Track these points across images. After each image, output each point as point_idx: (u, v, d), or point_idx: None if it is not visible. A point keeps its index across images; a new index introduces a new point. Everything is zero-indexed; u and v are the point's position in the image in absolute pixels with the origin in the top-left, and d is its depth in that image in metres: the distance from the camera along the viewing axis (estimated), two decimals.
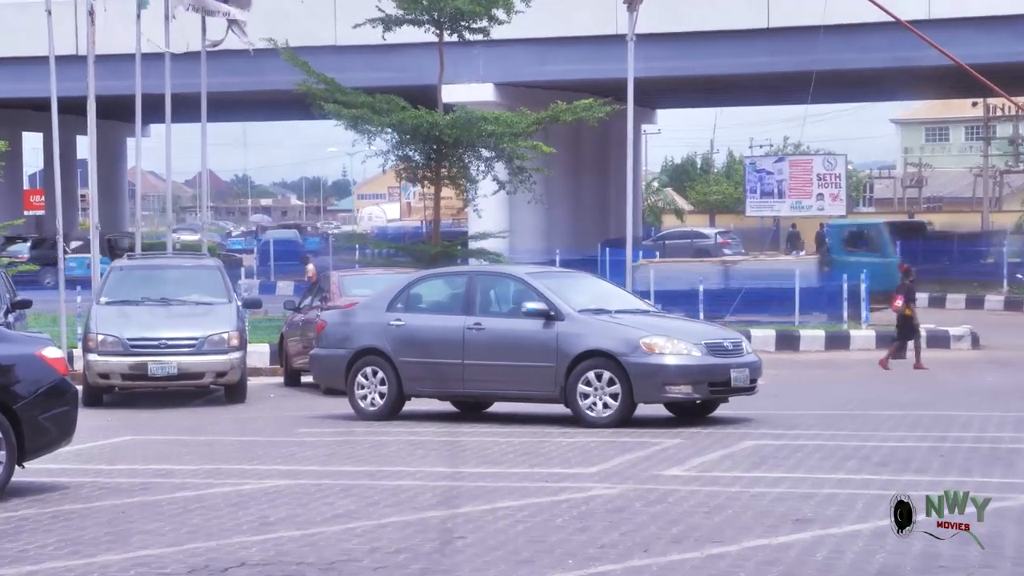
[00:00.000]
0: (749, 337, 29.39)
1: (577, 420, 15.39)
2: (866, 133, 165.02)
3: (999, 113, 76.80)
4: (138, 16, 26.97)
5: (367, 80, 37.29)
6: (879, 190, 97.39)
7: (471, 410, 17.13)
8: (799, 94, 42.28)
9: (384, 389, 16.64)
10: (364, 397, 16.79)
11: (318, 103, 29.13)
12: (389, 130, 28.89)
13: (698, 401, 15.65)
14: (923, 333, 25.85)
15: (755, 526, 9.28)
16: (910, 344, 24.83)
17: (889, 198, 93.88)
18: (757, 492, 10.62)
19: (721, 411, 16.05)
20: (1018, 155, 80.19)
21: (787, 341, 29.58)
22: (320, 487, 11.37)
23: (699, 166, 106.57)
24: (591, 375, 15.40)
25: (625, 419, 15.26)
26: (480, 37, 30.32)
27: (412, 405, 17.17)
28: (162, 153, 29.31)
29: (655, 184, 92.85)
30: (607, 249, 44.99)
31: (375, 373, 16.70)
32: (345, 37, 43.08)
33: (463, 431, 15.54)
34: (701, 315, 30.16)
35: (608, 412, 15.28)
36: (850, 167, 71.28)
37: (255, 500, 10.83)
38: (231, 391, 19.78)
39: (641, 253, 38.58)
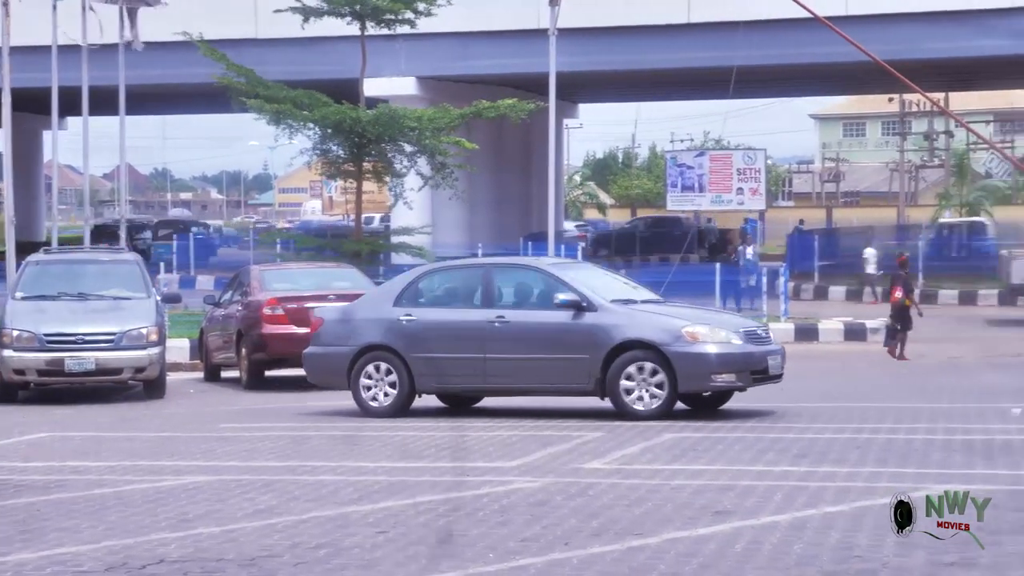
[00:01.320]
0: None
1: (618, 411, 15.12)
2: (785, 128, 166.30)
3: (914, 109, 77.72)
4: (54, 7, 26.67)
5: (289, 73, 37.10)
6: (798, 184, 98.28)
7: (461, 405, 16.79)
8: (720, 89, 42.56)
9: (392, 388, 16.09)
10: (370, 394, 16.18)
11: (238, 97, 28.96)
12: (311, 125, 28.79)
13: (741, 390, 15.46)
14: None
15: (675, 518, 9.34)
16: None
17: (808, 192, 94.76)
18: (677, 484, 10.69)
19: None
20: (933, 150, 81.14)
21: None
22: (240, 483, 11.31)
23: (621, 160, 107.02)
24: (633, 367, 15.08)
25: (668, 411, 15.07)
26: (403, 30, 30.26)
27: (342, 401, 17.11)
28: (79, 146, 29.04)
29: (577, 178, 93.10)
30: (529, 243, 45.10)
31: (382, 369, 16.11)
32: (266, 30, 42.89)
33: (384, 426, 15.51)
34: None
35: (656, 403, 15.04)
36: (769, 162, 71.86)
37: (174, 496, 10.76)
38: (150, 387, 19.63)
39: (563, 248, 38.63)
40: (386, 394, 16.15)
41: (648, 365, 15.07)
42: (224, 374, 22.32)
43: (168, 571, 8.16)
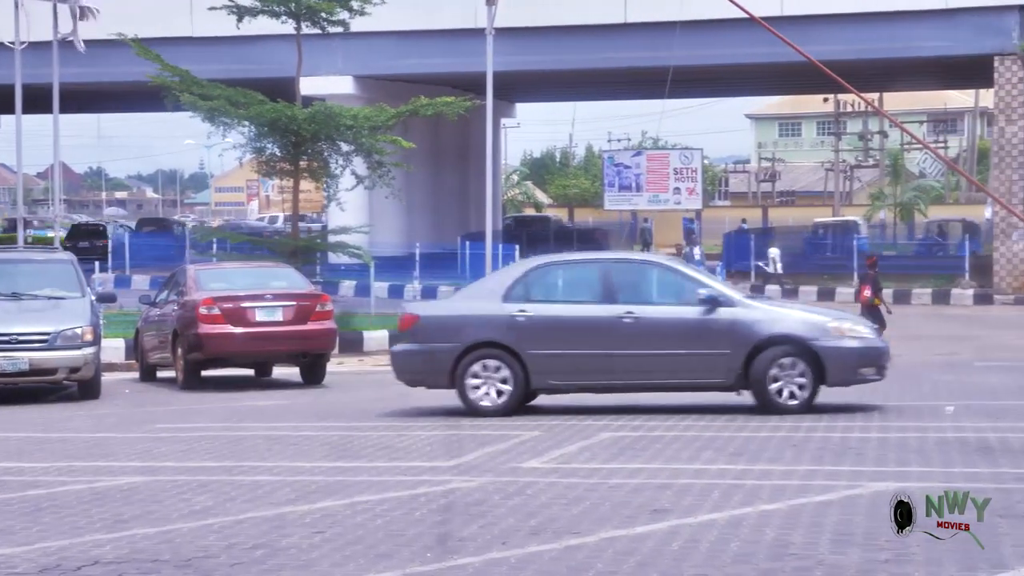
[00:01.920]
0: None
1: (763, 406, 15.15)
2: (722, 128, 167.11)
3: (849, 109, 78.36)
4: None
5: (225, 72, 36.91)
6: (734, 184, 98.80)
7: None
8: (656, 89, 42.74)
9: (505, 385, 15.56)
10: (480, 393, 15.61)
11: (173, 95, 28.76)
12: (246, 123, 28.64)
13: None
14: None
15: (613, 517, 9.36)
16: None
17: (744, 192, 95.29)
18: (615, 483, 10.72)
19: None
20: (868, 150, 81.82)
21: None
22: (176, 483, 11.23)
23: (558, 160, 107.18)
24: (783, 361, 15.16)
25: (811, 405, 15.18)
26: (339, 29, 30.17)
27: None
28: (13, 145, 28.75)
29: (515, 177, 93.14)
30: (467, 243, 45.09)
31: (491, 367, 15.57)
32: (202, 28, 42.65)
33: (321, 426, 15.46)
34: None
35: (804, 396, 15.17)
36: (706, 161, 72.20)
37: (109, 497, 10.67)
38: (85, 387, 19.46)
39: (501, 247, 38.66)
40: (499, 392, 15.60)
41: (794, 360, 15.20)
42: (160, 374, 22.17)
43: (103, 573, 8.09)
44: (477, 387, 15.61)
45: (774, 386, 15.18)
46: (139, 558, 8.44)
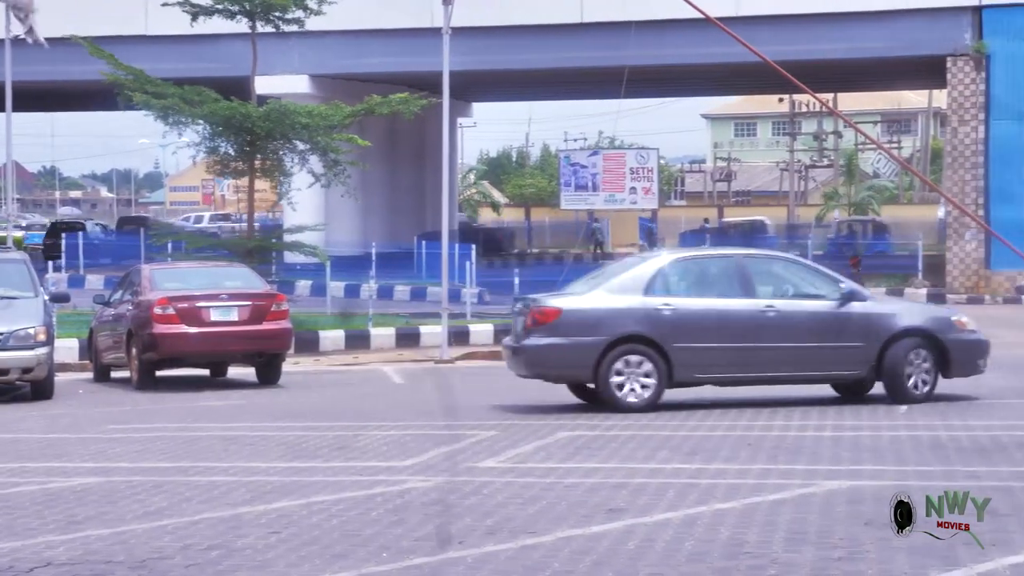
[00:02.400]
0: None
1: (896, 397, 15.65)
2: (677, 127, 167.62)
3: (804, 109, 78.72)
4: None
5: (180, 71, 36.75)
6: (690, 184, 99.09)
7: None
8: (612, 88, 42.83)
9: (648, 379, 15.46)
10: (626, 388, 15.45)
11: (126, 94, 28.61)
12: (200, 122, 28.51)
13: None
14: None
15: (569, 516, 9.38)
16: None
17: (700, 192, 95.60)
18: (571, 483, 10.73)
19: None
20: (822, 150, 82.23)
21: None
22: (131, 484, 11.18)
23: (514, 159, 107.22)
24: (913, 354, 15.71)
25: (933, 394, 15.79)
26: (294, 28, 30.09)
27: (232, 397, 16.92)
28: None
29: (471, 177, 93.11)
30: (423, 242, 45.07)
31: (633, 362, 15.45)
32: (157, 27, 42.44)
33: (277, 426, 15.42)
34: None
35: (926, 388, 15.79)
36: (662, 161, 72.42)
37: (62, 499, 10.61)
38: (38, 387, 19.30)
39: (457, 246, 38.65)
40: (643, 386, 15.49)
41: (924, 353, 15.77)
42: (115, 374, 22.05)
43: (56, 574, 8.05)
44: (621, 383, 15.50)
45: (908, 375, 15.76)
46: (93, 559, 8.39)
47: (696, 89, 66.55)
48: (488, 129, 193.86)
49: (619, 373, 15.46)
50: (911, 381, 15.73)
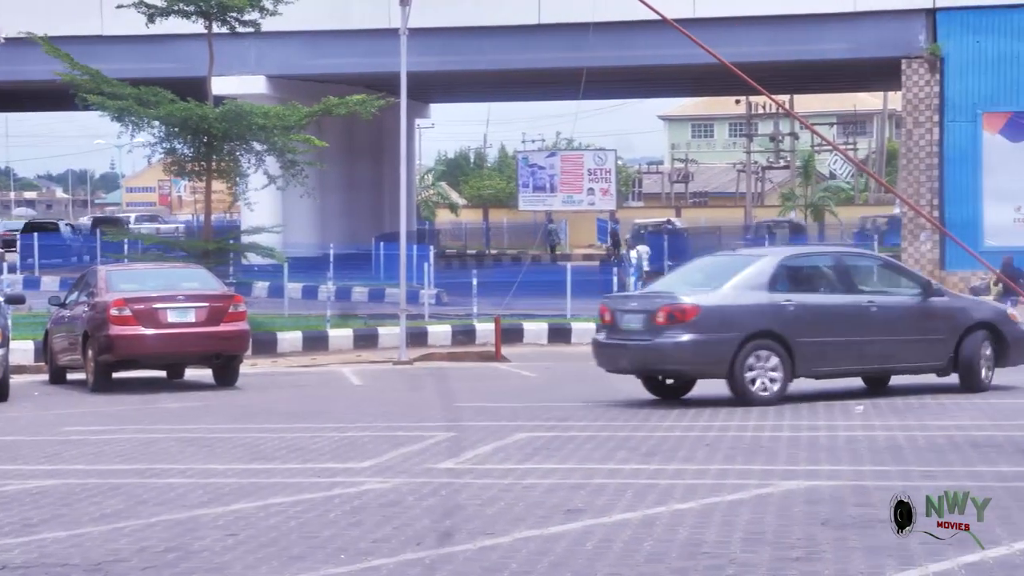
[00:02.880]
0: (522, 330, 29.78)
1: (970, 387, 16.66)
2: (635, 129, 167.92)
3: (761, 111, 79.02)
4: None
5: (136, 72, 36.57)
6: (648, 185, 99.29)
7: (673, 395, 16.99)
8: (570, 90, 42.87)
9: (775, 373, 15.98)
10: (758, 383, 15.93)
11: (82, 95, 28.47)
12: (156, 122, 28.40)
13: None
14: None
15: (527, 517, 9.38)
16: None
17: (657, 193, 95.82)
18: (529, 483, 10.74)
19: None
20: (779, 152, 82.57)
21: (560, 334, 29.98)
22: (87, 486, 11.12)
23: (472, 160, 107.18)
24: (983, 345, 16.77)
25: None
26: (250, 29, 30.00)
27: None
28: None
29: (429, 178, 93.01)
30: (381, 243, 44.99)
31: (762, 356, 15.95)
32: (112, 27, 42.20)
33: (234, 428, 15.37)
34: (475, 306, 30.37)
35: (990, 376, 16.92)
36: (620, 162, 72.54)
37: (17, 501, 10.54)
38: None
39: (415, 247, 38.61)
40: (772, 380, 15.99)
41: (989, 344, 16.84)
42: (71, 376, 21.92)
43: None
44: (753, 378, 15.98)
45: (979, 367, 16.78)
46: (48, 562, 8.34)
47: (653, 90, 66.67)
48: (446, 130, 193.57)
49: (751, 368, 15.97)
50: (983, 372, 16.78)
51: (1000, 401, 16.04)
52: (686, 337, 15.92)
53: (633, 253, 36.07)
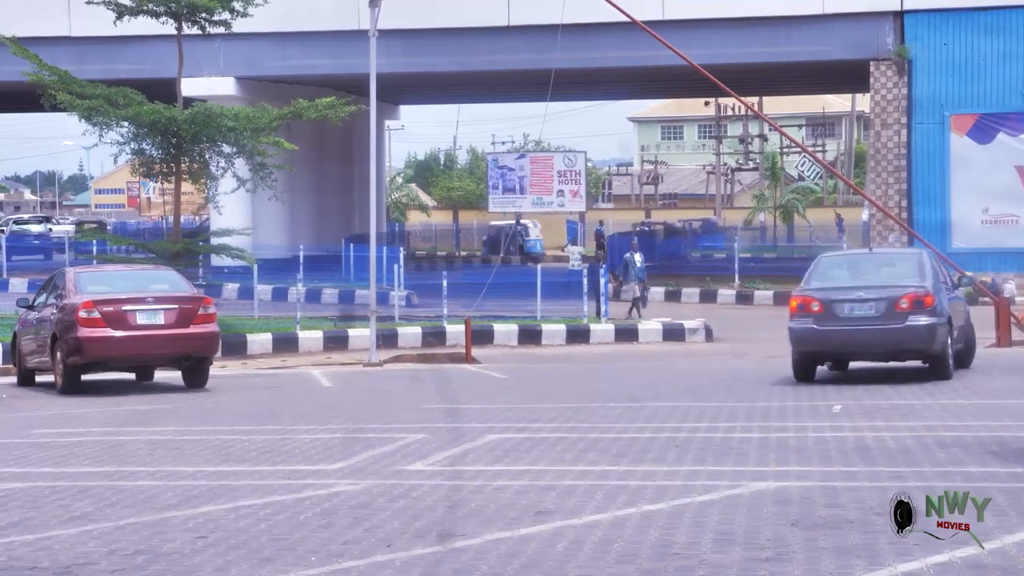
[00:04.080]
0: (492, 332, 29.77)
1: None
2: (604, 130, 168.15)
3: (730, 113, 79.24)
4: None
5: (105, 72, 36.46)
6: (617, 187, 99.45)
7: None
8: (539, 91, 42.89)
9: (953, 348, 19.51)
10: (951, 360, 19.12)
11: (50, 95, 28.36)
12: (125, 123, 28.32)
13: None
14: None
15: (498, 519, 9.39)
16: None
17: (627, 194, 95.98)
18: (500, 485, 10.75)
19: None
20: (748, 153, 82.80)
21: (530, 335, 30.00)
22: (55, 489, 11.07)
23: (442, 162, 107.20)
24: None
25: None
26: (220, 30, 29.93)
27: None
28: None
29: (399, 180, 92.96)
30: (351, 245, 44.94)
31: (953, 338, 19.40)
32: (80, 28, 42.07)
33: (204, 430, 15.33)
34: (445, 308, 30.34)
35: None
36: (589, 164, 72.65)
37: None
38: None
39: (385, 249, 38.57)
40: (952, 357, 19.41)
41: None
42: (39, 379, 21.83)
43: None
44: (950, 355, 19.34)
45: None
46: (17, 566, 8.31)
47: (623, 92, 66.81)
48: (416, 132, 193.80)
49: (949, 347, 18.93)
50: None
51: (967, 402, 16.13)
52: (928, 320, 18.44)
53: (638, 257, 35.95)
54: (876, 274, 19.60)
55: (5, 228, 60.84)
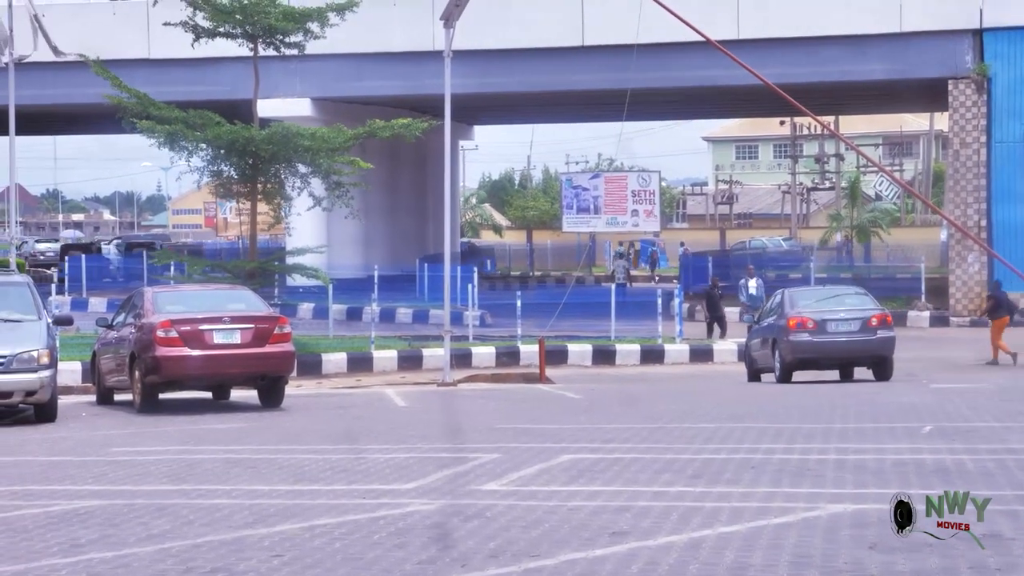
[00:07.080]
0: (566, 352, 29.72)
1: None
2: (679, 150, 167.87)
3: (805, 132, 78.81)
4: None
5: (182, 94, 36.86)
6: (692, 206, 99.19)
7: None
8: (614, 111, 42.90)
9: None
10: None
11: (129, 118, 28.69)
12: (204, 145, 28.60)
13: None
14: None
15: (572, 540, 9.35)
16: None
17: (702, 214, 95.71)
18: (574, 505, 10.71)
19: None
20: (824, 172, 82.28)
21: (604, 355, 29.93)
22: (133, 507, 11.16)
23: (516, 182, 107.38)
24: None
25: None
26: (295, 52, 30.18)
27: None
28: None
29: (473, 200, 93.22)
30: (425, 265, 45.08)
31: None
32: (159, 50, 42.57)
33: (279, 448, 15.40)
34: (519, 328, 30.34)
35: None
36: (664, 184, 72.50)
37: (65, 522, 10.59)
38: (41, 410, 19.31)
39: (460, 269, 38.65)
40: None
41: None
42: (118, 397, 22.04)
43: None
44: None
45: None
46: None
47: (697, 112, 66.65)
48: (490, 152, 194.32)
49: None
50: None
51: None
52: (890, 334, 24.34)
53: (752, 283, 35.74)
54: (843, 300, 25.36)
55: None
